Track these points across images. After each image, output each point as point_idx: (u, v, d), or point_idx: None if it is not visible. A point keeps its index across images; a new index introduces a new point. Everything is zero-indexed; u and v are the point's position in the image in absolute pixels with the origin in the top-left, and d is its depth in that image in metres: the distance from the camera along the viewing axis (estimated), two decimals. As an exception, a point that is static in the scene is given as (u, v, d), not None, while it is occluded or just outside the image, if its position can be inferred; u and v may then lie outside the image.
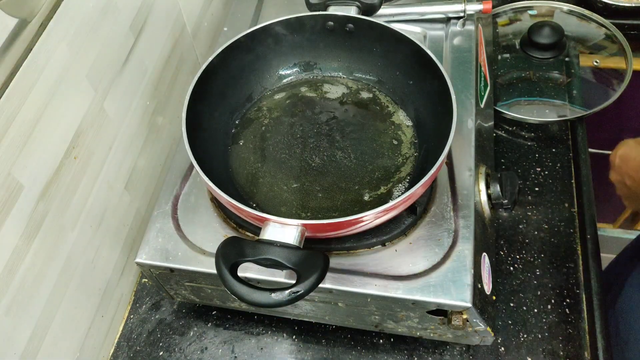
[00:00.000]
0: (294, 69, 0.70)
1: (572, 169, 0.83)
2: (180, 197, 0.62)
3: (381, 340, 0.67)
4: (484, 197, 0.60)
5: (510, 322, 0.68)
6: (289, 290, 0.44)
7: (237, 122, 0.66)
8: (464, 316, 0.53)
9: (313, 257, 0.47)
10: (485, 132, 0.69)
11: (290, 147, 0.63)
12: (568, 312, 0.68)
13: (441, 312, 0.54)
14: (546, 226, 0.75)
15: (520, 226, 0.75)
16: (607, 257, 0.90)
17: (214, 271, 0.46)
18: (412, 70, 0.63)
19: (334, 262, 0.55)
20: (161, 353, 0.69)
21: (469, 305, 0.52)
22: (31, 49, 0.47)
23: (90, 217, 0.61)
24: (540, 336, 0.67)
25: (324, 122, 0.65)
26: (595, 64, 0.91)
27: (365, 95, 0.68)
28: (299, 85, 0.70)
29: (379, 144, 0.63)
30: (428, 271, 0.54)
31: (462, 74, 0.69)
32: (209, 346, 0.69)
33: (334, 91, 0.69)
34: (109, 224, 0.65)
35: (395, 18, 0.75)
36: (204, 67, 0.60)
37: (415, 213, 0.57)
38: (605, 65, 0.90)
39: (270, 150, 0.63)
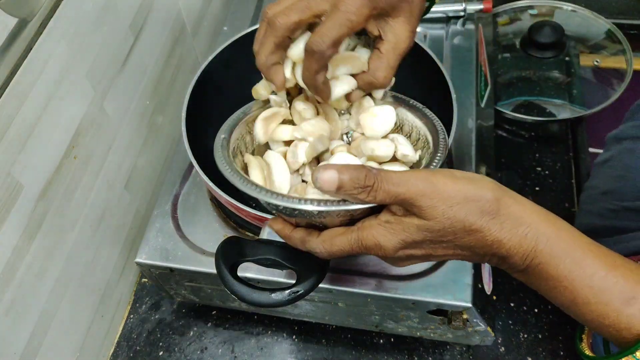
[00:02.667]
0: (294, 69, 0.70)
1: (572, 169, 0.83)
2: (180, 197, 0.62)
3: (381, 340, 0.67)
4: (484, 197, 0.60)
5: (510, 322, 0.68)
6: (289, 290, 0.44)
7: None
8: (464, 316, 0.53)
9: (313, 256, 0.46)
10: (485, 131, 0.69)
11: (290, 147, 0.63)
12: (568, 311, 0.68)
13: (441, 312, 0.54)
14: (546, 226, 0.75)
15: (521, 226, 0.75)
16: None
17: (214, 271, 0.46)
18: (412, 70, 0.63)
19: (334, 261, 0.55)
20: (161, 353, 0.69)
21: (469, 305, 0.52)
22: (31, 49, 0.47)
23: (90, 217, 0.61)
24: (540, 336, 0.67)
25: (324, 121, 0.65)
26: (595, 63, 0.91)
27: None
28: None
29: (379, 143, 0.63)
30: (428, 271, 0.54)
31: (462, 74, 0.69)
32: (209, 346, 0.69)
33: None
34: (109, 224, 0.65)
35: (396, 17, 0.75)
36: (203, 66, 0.59)
37: (415, 213, 0.57)
38: (606, 65, 0.90)
39: (270, 150, 0.63)
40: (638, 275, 0.36)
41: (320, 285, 0.46)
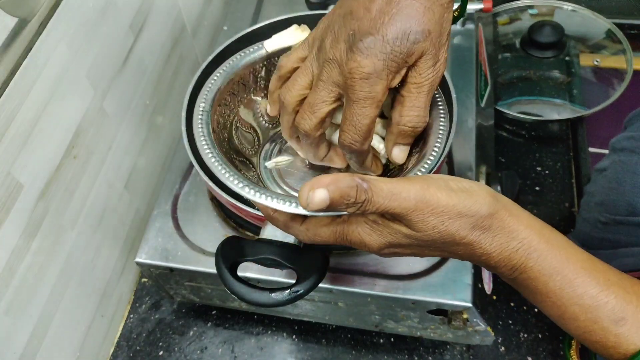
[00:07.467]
0: (294, 69, 0.70)
1: (572, 169, 0.83)
2: (180, 197, 0.62)
3: (381, 340, 0.67)
4: (484, 197, 0.60)
5: (510, 321, 0.68)
6: (289, 290, 0.44)
7: (237, 121, 0.66)
8: (465, 316, 0.53)
9: (313, 256, 0.46)
10: (485, 131, 0.69)
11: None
12: (568, 311, 0.68)
13: (441, 312, 0.54)
14: (546, 226, 0.75)
15: (521, 226, 0.75)
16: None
17: (214, 271, 0.46)
18: (413, 69, 0.63)
19: (334, 261, 0.55)
20: (161, 353, 0.69)
21: (470, 305, 0.52)
22: (31, 49, 0.47)
23: (90, 216, 0.61)
24: (540, 336, 0.67)
25: (324, 121, 0.65)
26: (595, 63, 0.91)
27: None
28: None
29: (379, 143, 0.63)
30: (428, 271, 0.54)
31: (462, 73, 0.69)
32: (209, 346, 0.69)
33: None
34: (109, 224, 0.65)
35: (396, 17, 0.75)
36: (203, 66, 0.59)
37: (415, 213, 0.57)
38: (606, 65, 0.90)
39: (270, 150, 0.63)
40: (630, 294, 0.35)
41: (320, 285, 0.46)
